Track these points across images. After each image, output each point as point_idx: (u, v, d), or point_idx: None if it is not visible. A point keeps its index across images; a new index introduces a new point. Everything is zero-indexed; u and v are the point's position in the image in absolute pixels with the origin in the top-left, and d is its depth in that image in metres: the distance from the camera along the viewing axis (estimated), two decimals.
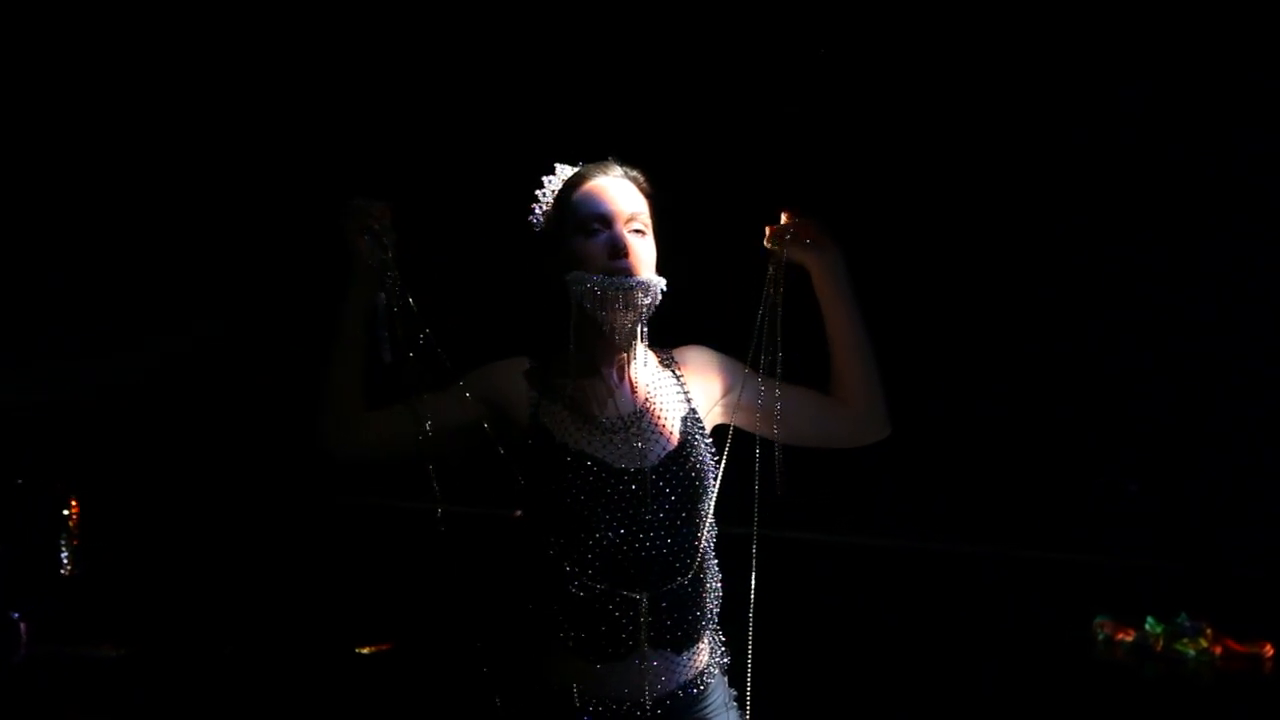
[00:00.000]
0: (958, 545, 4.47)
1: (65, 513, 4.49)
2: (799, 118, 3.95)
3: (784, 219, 2.17)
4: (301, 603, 4.47)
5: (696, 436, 2.14)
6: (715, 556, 2.14)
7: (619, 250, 2.11)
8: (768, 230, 2.18)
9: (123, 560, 4.54)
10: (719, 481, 2.13)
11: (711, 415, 2.21)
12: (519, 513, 2.13)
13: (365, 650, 4.35)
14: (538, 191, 2.23)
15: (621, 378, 2.17)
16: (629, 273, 2.10)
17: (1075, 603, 4.39)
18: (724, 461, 2.15)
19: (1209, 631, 4.29)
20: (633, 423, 2.12)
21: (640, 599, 2.02)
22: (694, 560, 2.07)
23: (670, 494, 2.07)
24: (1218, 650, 4.30)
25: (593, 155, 2.25)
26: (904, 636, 4.30)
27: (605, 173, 2.18)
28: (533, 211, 2.24)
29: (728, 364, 2.24)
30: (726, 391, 2.22)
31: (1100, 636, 4.41)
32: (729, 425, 2.22)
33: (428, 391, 2.10)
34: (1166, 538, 4.36)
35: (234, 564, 4.52)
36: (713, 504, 2.12)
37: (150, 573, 4.50)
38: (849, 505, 4.35)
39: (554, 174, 2.24)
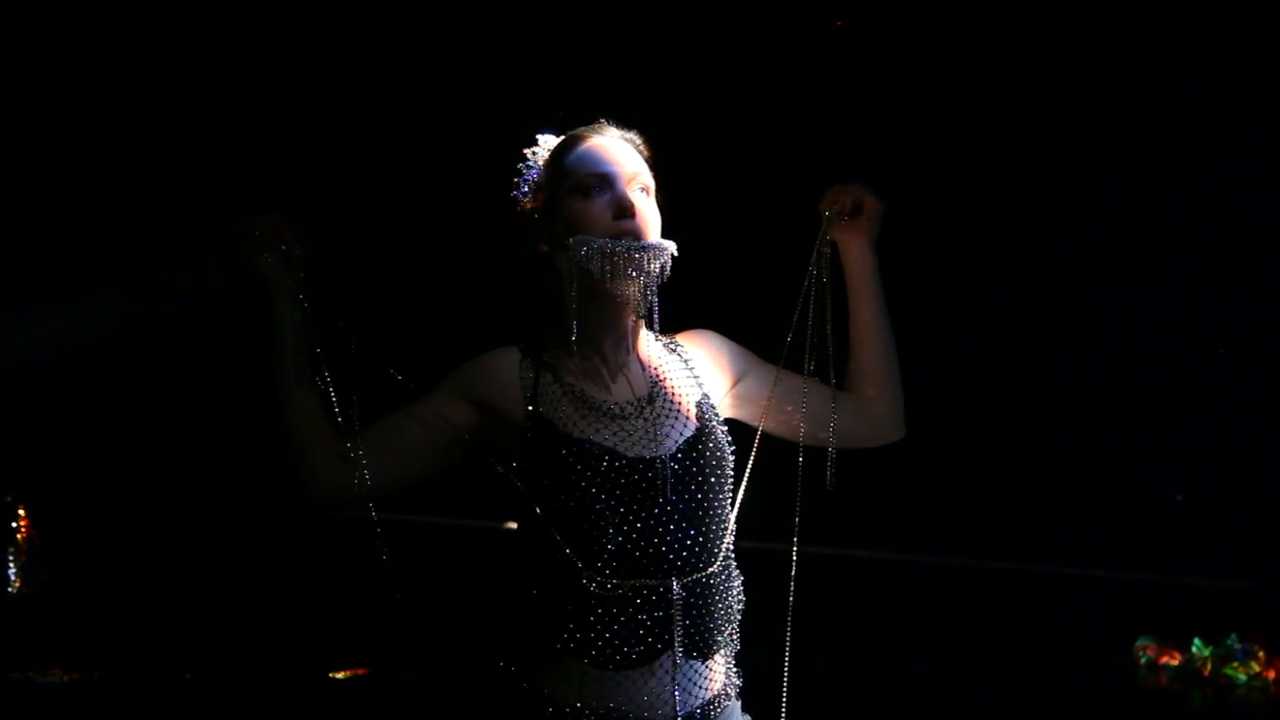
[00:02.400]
0: (989, 561, 4.41)
1: (13, 525, 4.41)
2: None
3: (839, 193, 2.11)
4: (269, 623, 4.38)
5: (714, 422, 2.06)
6: (736, 561, 2.05)
7: (625, 210, 2.01)
8: (828, 197, 2.11)
9: (76, 577, 4.45)
10: (745, 481, 2.04)
11: (723, 405, 2.14)
12: (513, 524, 2.04)
13: (339, 675, 4.27)
14: (521, 165, 2.14)
15: (628, 359, 2.08)
16: (637, 235, 2.00)
17: (1116, 623, 4.34)
18: (750, 463, 2.06)
19: (1261, 654, 4.24)
20: (644, 407, 2.03)
21: (671, 590, 1.93)
22: (718, 554, 1.98)
23: (689, 483, 1.98)
24: (1271, 674, 4.23)
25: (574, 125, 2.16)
26: (934, 659, 4.25)
27: (600, 133, 2.10)
28: (517, 185, 2.14)
29: (737, 351, 2.17)
30: (737, 380, 2.15)
31: (1143, 660, 4.35)
32: (753, 425, 2.15)
33: (405, 406, 2.00)
34: (1215, 552, 4.28)
35: (197, 581, 4.41)
36: (739, 498, 2.04)
37: (106, 591, 4.40)
38: (878, 519, 4.23)
39: (537, 145, 2.15)
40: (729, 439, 2.05)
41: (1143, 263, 4.30)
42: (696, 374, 2.11)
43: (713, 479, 2.00)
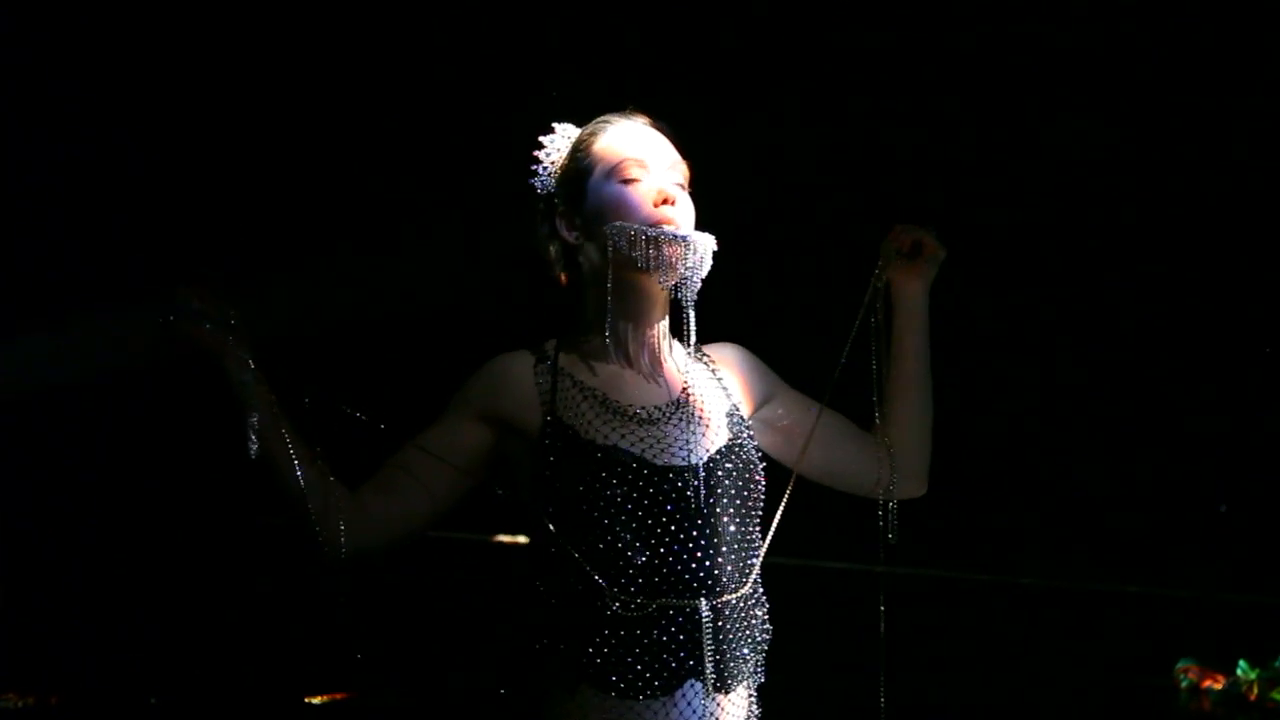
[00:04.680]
0: (1015, 577, 4.33)
1: None
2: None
3: (901, 232, 2.16)
4: (240, 643, 4.25)
5: (745, 435, 2.06)
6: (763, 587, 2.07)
7: (667, 198, 2.01)
8: (890, 235, 2.16)
9: (33, 595, 4.26)
10: (784, 505, 2.07)
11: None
12: (507, 537, 2.03)
13: (316, 700, 4.16)
14: (538, 152, 2.16)
15: (655, 362, 2.08)
16: (678, 225, 2.01)
17: (1154, 644, 4.24)
18: (790, 486, 2.09)
19: None
20: (673, 412, 2.02)
21: (700, 612, 1.91)
22: (749, 576, 1.99)
23: (722, 496, 1.96)
24: None
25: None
26: (957, 681, 4.16)
27: (632, 119, 2.12)
28: (535, 173, 2.15)
29: (765, 371, 2.20)
30: (763, 402, 2.17)
31: (1184, 684, 4.25)
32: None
33: (412, 440, 2.01)
34: (1262, 567, 4.20)
35: (163, 599, 4.28)
36: (775, 522, 2.04)
37: (65, 610, 4.26)
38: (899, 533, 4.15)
39: (553, 132, 2.18)
40: (760, 454, 2.06)
41: (1180, 262, 4.24)
42: (724, 385, 2.10)
43: (745, 492, 1.99)
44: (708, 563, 1.91)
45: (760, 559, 2.00)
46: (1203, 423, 4.27)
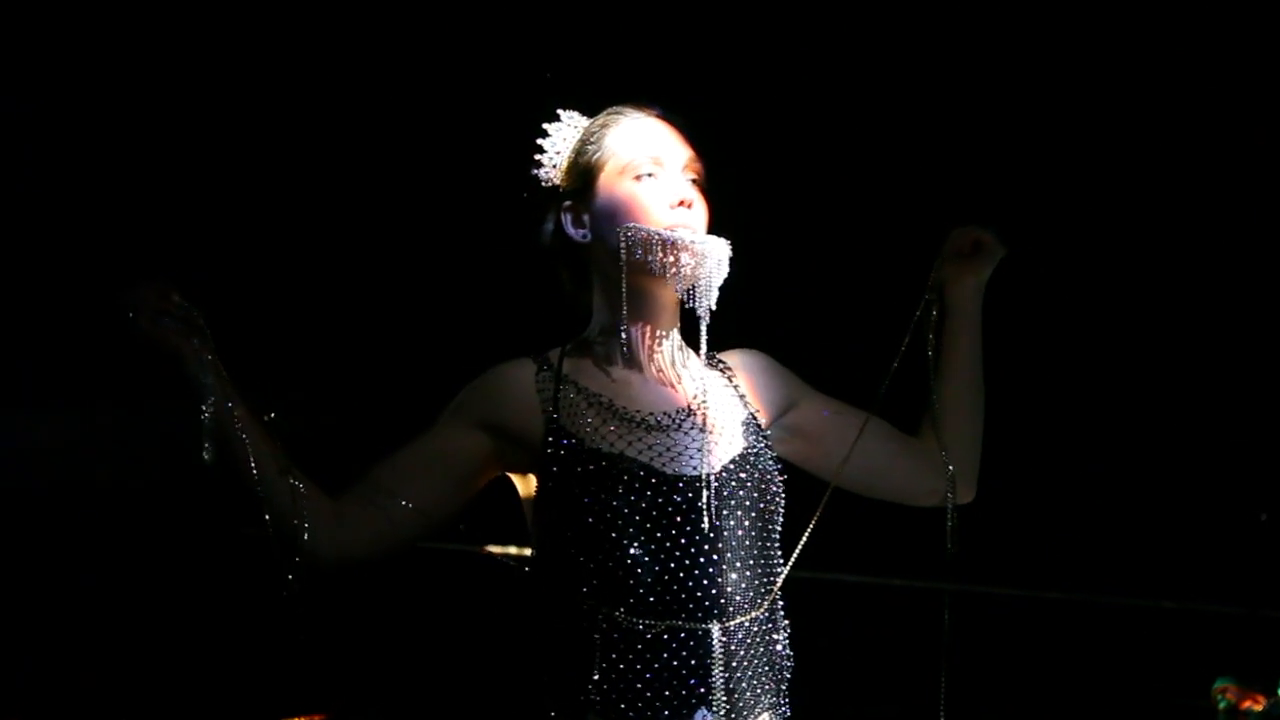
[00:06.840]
0: (1043, 591, 4.28)
1: None
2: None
3: (960, 236, 2.16)
4: (214, 663, 4.20)
5: (762, 444, 2.02)
6: (784, 609, 2.01)
7: (684, 200, 1.98)
8: (956, 241, 2.15)
9: None
10: (819, 516, 2.00)
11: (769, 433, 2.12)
12: (495, 548, 1.99)
13: None
14: (542, 140, 2.11)
15: (666, 368, 2.04)
16: (693, 229, 1.98)
17: (1191, 663, 4.18)
18: (825, 501, 2.02)
19: None
20: (684, 419, 1.97)
21: (710, 635, 1.85)
22: (767, 594, 1.93)
23: (736, 509, 1.92)
24: None
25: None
26: (984, 700, 4.05)
27: (647, 111, 2.08)
28: (539, 163, 2.11)
29: (787, 376, 2.16)
30: (786, 409, 2.12)
31: (1222, 704, 4.18)
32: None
33: (402, 447, 1.98)
34: None
35: (129, 616, 4.23)
36: (806, 535, 1.97)
37: (28, 627, 4.19)
38: (916, 543, 4.11)
39: (558, 120, 2.13)
40: (779, 465, 2.02)
41: (1221, 270, 4.21)
42: (741, 393, 2.07)
43: (761, 505, 1.94)
44: (720, 580, 1.86)
45: (781, 579, 1.95)
46: (1242, 432, 4.22)
